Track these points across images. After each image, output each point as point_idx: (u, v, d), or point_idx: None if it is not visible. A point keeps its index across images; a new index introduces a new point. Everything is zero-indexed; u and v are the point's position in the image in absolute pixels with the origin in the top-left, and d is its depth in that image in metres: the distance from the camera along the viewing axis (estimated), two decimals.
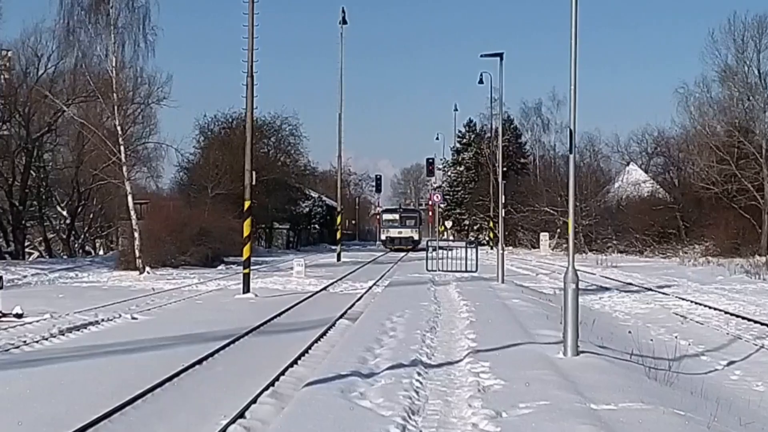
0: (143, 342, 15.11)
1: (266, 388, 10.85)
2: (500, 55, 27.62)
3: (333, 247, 59.85)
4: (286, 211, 68.32)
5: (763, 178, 49.61)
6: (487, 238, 69.58)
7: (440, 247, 37.70)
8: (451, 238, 67.60)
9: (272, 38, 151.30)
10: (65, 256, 46.23)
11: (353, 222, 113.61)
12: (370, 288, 27.51)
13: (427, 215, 70.94)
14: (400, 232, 68.19)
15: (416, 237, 68.58)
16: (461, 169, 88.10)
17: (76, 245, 50.96)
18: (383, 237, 69.77)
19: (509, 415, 8.15)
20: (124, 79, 36.18)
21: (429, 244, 42.18)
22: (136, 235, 34.64)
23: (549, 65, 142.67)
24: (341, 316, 19.12)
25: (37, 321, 17.57)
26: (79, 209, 49.83)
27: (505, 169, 35.18)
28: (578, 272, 12.00)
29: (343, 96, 51.46)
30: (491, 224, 63.06)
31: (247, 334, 16.27)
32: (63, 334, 15.89)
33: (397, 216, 71.50)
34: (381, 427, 7.71)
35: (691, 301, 23.57)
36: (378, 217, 79.58)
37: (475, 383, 9.90)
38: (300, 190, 71.96)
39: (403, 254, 58.76)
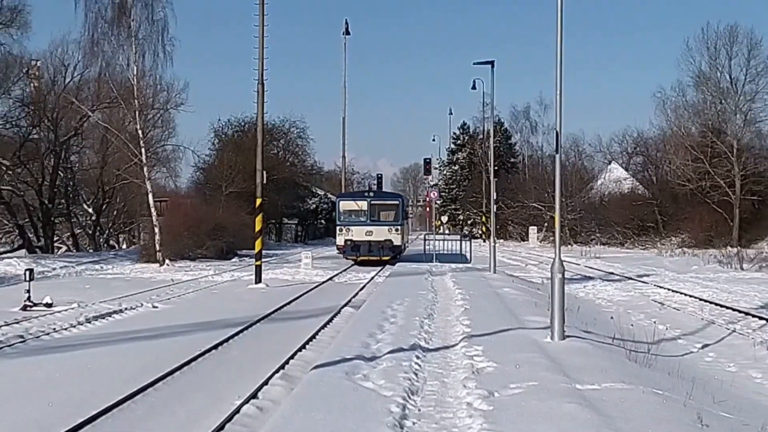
0: (163, 329, 15.16)
1: (277, 371, 10.88)
2: (491, 63, 27.67)
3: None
4: (294, 207, 68.41)
5: (734, 175, 49.66)
6: (480, 232, 69.57)
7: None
8: (447, 232, 67.28)
9: (281, 47, 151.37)
10: (91, 250, 46.21)
11: None
12: (372, 278, 27.52)
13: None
14: (369, 233, 34.19)
15: (397, 240, 34.85)
16: (456, 168, 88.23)
17: (101, 240, 50.95)
18: (340, 240, 35.04)
19: (501, 395, 8.16)
20: (145, 87, 36.26)
21: (426, 237, 42.08)
22: (157, 230, 34.68)
23: (537, 72, 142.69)
24: (346, 304, 19.16)
25: (66, 310, 17.63)
26: (104, 207, 49.87)
27: (496, 168, 35.15)
28: (564, 263, 12.00)
29: (346, 101, 51.36)
30: (484, 219, 63.09)
31: (259, 321, 16.33)
32: (89, 322, 15.97)
33: (364, 204, 35.56)
34: (383, 407, 7.72)
35: (668, 289, 23.62)
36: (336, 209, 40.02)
37: (469, 366, 9.91)
38: (307, 188, 71.96)
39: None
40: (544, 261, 37.03)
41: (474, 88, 42.37)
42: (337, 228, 35.71)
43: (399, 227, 35.15)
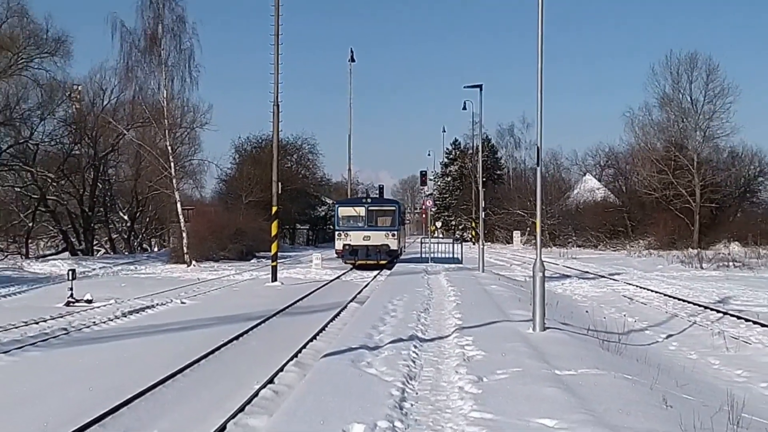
0: (190, 322, 15.19)
1: (291, 359, 10.89)
2: (480, 86, 27.62)
3: None
4: (306, 214, 68.51)
5: (695, 185, 49.75)
6: (470, 236, 69.49)
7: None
8: (441, 236, 67.19)
9: (295, 73, 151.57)
10: (126, 253, 46.22)
11: None
12: (375, 277, 27.53)
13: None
14: (366, 238, 32.05)
15: (394, 245, 32.81)
16: (449, 179, 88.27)
17: (135, 243, 50.98)
18: (339, 245, 32.70)
19: (489, 380, 8.18)
20: (174, 108, 36.29)
21: (422, 240, 42.07)
22: (184, 235, 34.69)
23: (520, 94, 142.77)
24: (351, 300, 19.19)
25: (104, 305, 17.68)
26: (137, 214, 49.95)
27: (484, 179, 35.19)
28: (544, 263, 12.02)
29: (351, 120, 51.52)
30: (473, 224, 63.02)
31: (274, 315, 16.35)
32: (125, 316, 16.01)
33: (362, 210, 33.25)
34: (385, 390, 7.73)
35: (637, 286, 23.62)
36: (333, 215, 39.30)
37: (461, 354, 9.92)
38: (317, 198, 71.99)
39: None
40: (526, 261, 37.00)
41: (464, 108, 42.39)
42: (336, 233, 33.17)
43: (395, 232, 32.81)
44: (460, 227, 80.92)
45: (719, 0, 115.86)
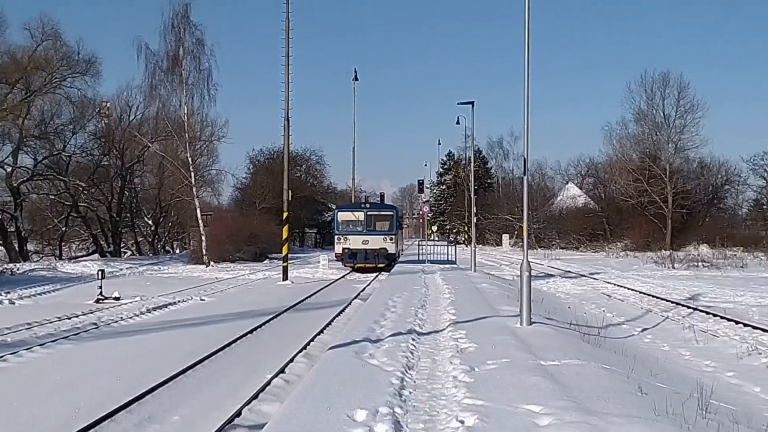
0: (209, 317, 15.19)
1: (300, 351, 10.91)
2: (471, 103, 27.68)
3: None
4: (314, 219, 68.54)
5: (667, 193, 49.77)
6: (463, 239, 69.44)
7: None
8: (436, 239, 67.14)
9: (304, 90, 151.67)
10: (150, 254, 46.26)
11: None
12: (376, 276, 27.50)
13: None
14: (365, 242, 30.28)
15: (391, 248, 30.77)
16: (443, 187, 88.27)
17: (158, 246, 51.00)
18: (339, 249, 30.90)
19: (480, 370, 8.17)
20: (194, 123, 36.39)
21: (420, 243, 42.02)
22: (203, 238, 34.75)
23: (508, 109, 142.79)
24: (355, 297, 19.18)
25: (130, 302, 17.71)
26: (161, 219, 50.00)
27: (475, 187, 35.27)
28: (530, 263, 12.03)
29: (355, 133, 51.44)
30: (466, 228, 63.03)
31: (285, 311, 16.35)
32: (149, 312, 16.01)
33: (361, 215, 31.54)
34: (386, 379, 7.73)
35: (614, 284, 23.64)
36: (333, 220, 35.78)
37: (454, 346, 9.91)
38: (324, 204, 71.96)
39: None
40: (514, 262, 36.99)
41: (458, 123, 42.61)
42: (336, 237, 31.29)
43: (393, 236, 30.91)
44: (454, 231, 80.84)
45: (690, 24, 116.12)
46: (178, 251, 53.89)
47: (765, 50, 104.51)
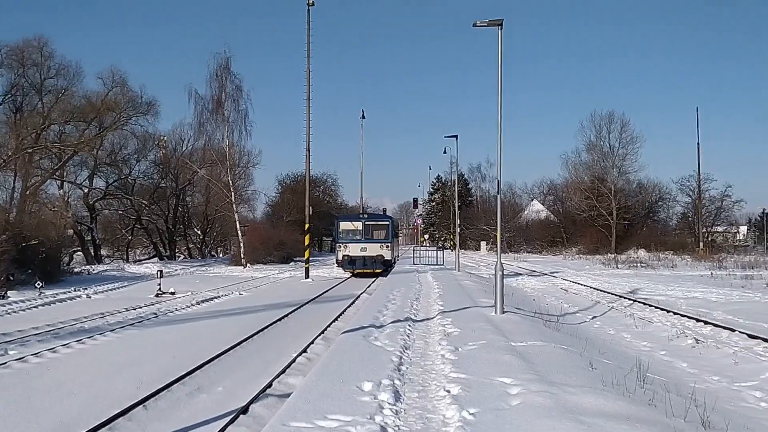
0: (246, 308, 15.20)
1: (319, 335, 10.91)
2: (456, 136, 27.61)
3: None
4: (329, 229, 68.23)
5: (612, 208, 49.77)
6: (449, 245, 69.33)
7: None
8: (428, 245, 67.00)
9: (322, 124, 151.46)
10: (199, 258, 46.15)
11: None
12: (379, 275, 27.43)
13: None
14: (363, 249, 27.13)
15: (388, 255, 27.60)
16: (433, 204, 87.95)
17: (205, 251, 50.89)
18: (339, 256, 27.57)
19: (463, 350, 8.18)
20: (234, 153, 36.50)
21: (414, 249, 41.95)
22: (241, 245, 34.76)
23: (485, 140, 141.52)
24: (362, 292, 19.16)
25: (183, 296, 17.72)
26: (207, 229, 49.89)
27: (459, 204, 35.23)
28: (503, 264, 12.04)
29: (363, 160, 51.82)
30: (452, 236, 62.93)
31: (307, 303, 16.35)
32: (198, 304, 16.03)
33: (359, 225, 28.25)
34: (387, 357, 7.74)
35: (570, 281, 23.56)
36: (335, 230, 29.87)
37: (442, 330, 9.92)
38: (338, 218, 71.92)
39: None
40: (490, 263, 36.88)
41: (445, 152, 43.19)
42: (337, 245, 28.05)
43: (389, 244, 27.66)
44: (442, 239, 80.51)
45: (630, 71, 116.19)
46: (221, 255, 53.82)
47: (688, 95, 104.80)
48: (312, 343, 10.13)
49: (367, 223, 28.45)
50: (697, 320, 12.65)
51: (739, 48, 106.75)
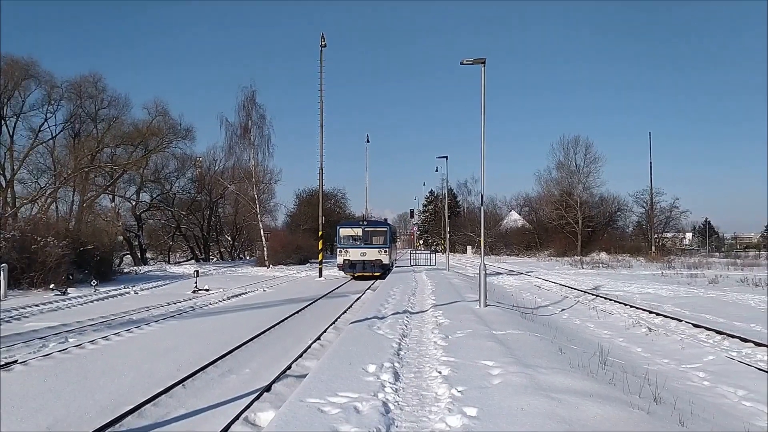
0: (269, 302, 15.16)
1: (331, 325, 10.89)
2: (445, 157, 27.76)
3: None
4: None
5: (578, 217, 49.69)
6: (440, 249, 69.25)
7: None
8: (422, 249, 66.87)
9: (333, 146, 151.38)
10: (230, 260, 46.16)
11: None
12: (378, 278, 27.36)
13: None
14: (363, 254, 24.52)
15: (386, 260, 24.80)
16: (427, 214, 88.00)
17: (235, 254, 50.90)
18: (340, 260, 24.69)
19: (452, 337, 8.18)
20: (258, 171, 36.55)
21: (411, 252, 41.89)
22: (265, 249, 34.65)
23: (471, 160, 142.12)
24: (367, 289, 19.11)
25: (216, 292, 17.69)
26: (236, 236, 49.92)
27: (449, 214, 35.25)
28: (486, 265, 12.06)
29: (368, 177, 51.87)
30: (443, 241, 62.89)
31: (320, 298, 16.30)
32: (229, 299, 15.99)
33: (359, 231, 25.09)
34: (388, 344, 7.75)
35: (543, 279, 23.53)
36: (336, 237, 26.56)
37: (435, 321, 9.92)
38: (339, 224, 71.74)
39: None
40: (475, 264, 36.85)
41: (437, 170, 44.31)
42: (337, 250, 25.42)
43: (387, 249, 25.30)
44: (435, 243, 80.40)
45: (595, 100, 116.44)
46: (248, 258, 53.76)
47: (642, 122, 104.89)
48: (325, 331, 10.13)
49: (366, 229, 26.23)
50: (650, 312, 12.64)
51: (686, 82, 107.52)
